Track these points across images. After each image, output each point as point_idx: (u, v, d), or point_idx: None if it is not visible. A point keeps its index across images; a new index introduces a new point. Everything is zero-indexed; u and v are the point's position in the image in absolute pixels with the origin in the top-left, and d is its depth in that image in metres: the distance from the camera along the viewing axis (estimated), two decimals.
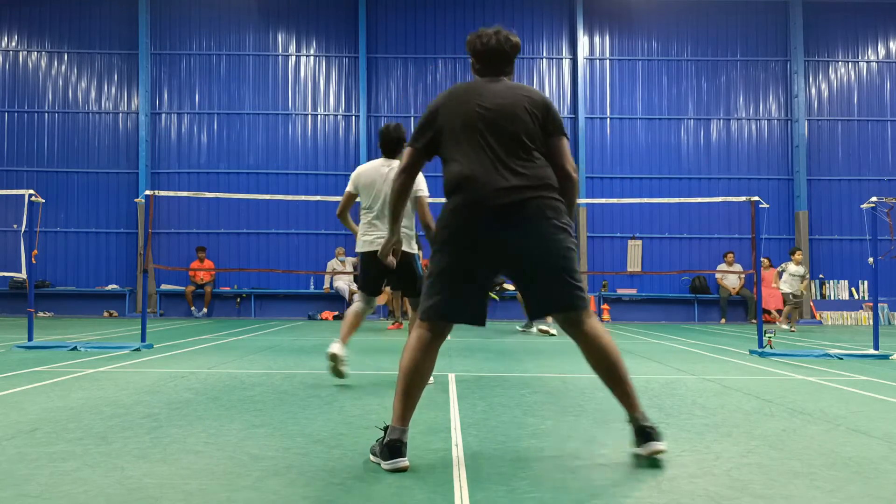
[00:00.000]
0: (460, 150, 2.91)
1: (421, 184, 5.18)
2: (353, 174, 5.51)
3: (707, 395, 4.75)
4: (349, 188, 5.49)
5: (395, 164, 5.20)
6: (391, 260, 3.65)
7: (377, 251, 4.85)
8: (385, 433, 2.80)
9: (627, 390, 2.91)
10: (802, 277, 13.12)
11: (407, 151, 3.02)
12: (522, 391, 4.84)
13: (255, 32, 17.05)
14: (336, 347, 5.06)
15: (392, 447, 2.72)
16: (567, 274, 2.87)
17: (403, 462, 2.71)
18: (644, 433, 2.86)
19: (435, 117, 2.97)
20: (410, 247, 5.29)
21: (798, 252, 13.14)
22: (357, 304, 5.39)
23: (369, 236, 5.32)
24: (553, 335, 10.56)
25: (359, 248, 5.39)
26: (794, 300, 12.98)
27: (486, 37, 3.09)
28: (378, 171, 5.38)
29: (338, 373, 5.06)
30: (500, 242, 2.83)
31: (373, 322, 14.69)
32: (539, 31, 17.09)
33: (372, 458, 2.87)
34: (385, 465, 2.72)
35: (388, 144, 5.43)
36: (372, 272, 5.34)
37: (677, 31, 17.06)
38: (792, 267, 13.00)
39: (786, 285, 12.95)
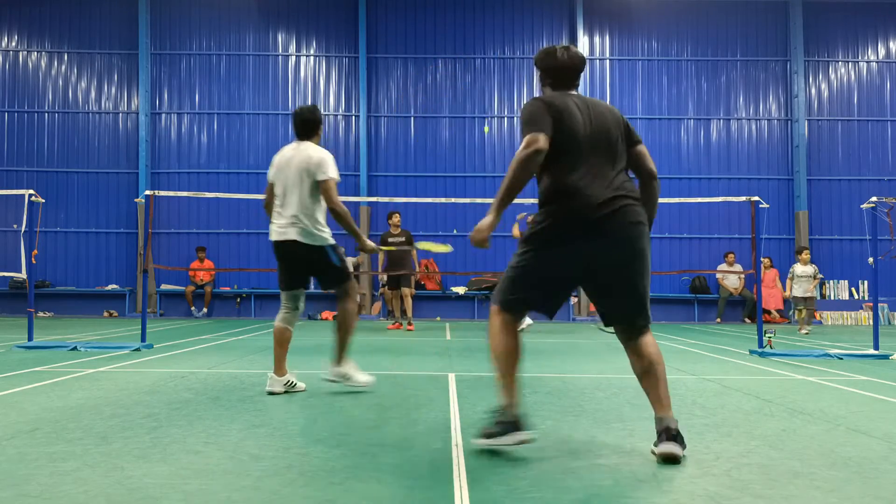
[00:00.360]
0: (567, 159, 3.09)
1: (330, 166, 4.75)
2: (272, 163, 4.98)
3: (707, 395, 4.75)
4: (269, 178, 4.95)
5: (305, 146, 4.79)
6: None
7: (286, 241, 4.69)
8: (499, 415, 3.01)
9: (661, 395, 3.04)
10: (812, 277, 12.43)
11: (541, 137, 2.99)
12: (522, 391, 4.83)
13: (255, 32, 17.05)
14: (274, 385, 4.60)
15: (515, 424, 2.96)
16: (639, 294, 3.11)
17: (527, 434, 2.95)
18: (666, 433, 2.93)
19: (547, 114, 3.08)
20: (314, 240, 4.70)
21: (805, 251, 12.61)
22: (279, 316, 4.91)
23: (278, 224, 4.76)
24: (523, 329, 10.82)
25: (271, 238, 4.85)
26: (806, 303, 12.28)
27: (562, 53, 3.35)
28: (283, 156, 4.87)
29: (298, 389, 4.71)
30: (592, 251, 3.03)
31: (373, 322, 14.69)
32: (539, 31, 17.09)
33: (484, 441, 3.01)
34: (509, 439, 2.94)
35: (304, 125, 4.90)
36: (284, 265, 4.88)
37: (677, 31, 17.06)
38: (799, 268, 12.43)
39: (797, 289, 12.30)
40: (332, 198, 4.69)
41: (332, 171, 4.75)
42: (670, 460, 2.86)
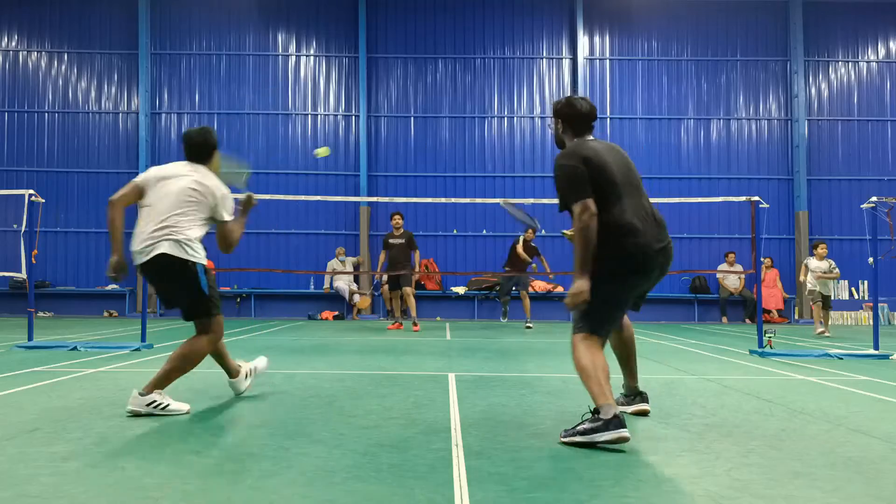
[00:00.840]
0: (611, 199, 3.53)
1: (229, 207, 4.44)
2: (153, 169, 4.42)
3: (707, 395, 4.75)
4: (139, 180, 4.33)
5: (206, 180, 4.33)
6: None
7: (148, 260, 4.08)
8: (597, 414, 3.21)
9: (634, 367, 4.08)
10: (828, 272, 12.07)
11: (589, 202, 3.44)
12: (522, 391, 4.84)
13: (255, 32, 17.05)
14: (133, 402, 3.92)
15: (618, 421, 3.15)
16: None
17: (627, 432, 3.15)
18: (639, 394, 4.03)
19: (586, 172, 3.50)
20: (187, 253, 4.12)
21: (821, 245, 12.21)
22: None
23: (142, 244, 4.12)
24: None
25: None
26: (822, 299, 12.01)
27: (581, 103, 3.76)
28: (168, 171, 4.36)
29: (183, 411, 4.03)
30: (652, 277, 3.63)
31: (373, 322, 14.69)
32: (539, 31, 17.09)
33: (581, 438, 3.18)
34: (609, 435, 3.12)
35: (195, 148, 4.42)
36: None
37: (677, 31, 17.05)
38: (814, 262, 12.11)
39: (813, 284, 12.05)
40: (232, 237, 4.44)
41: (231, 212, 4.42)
42: (643, 414, 3.94)
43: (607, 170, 3.53)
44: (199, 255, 4.22)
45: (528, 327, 12.77)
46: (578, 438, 3.19)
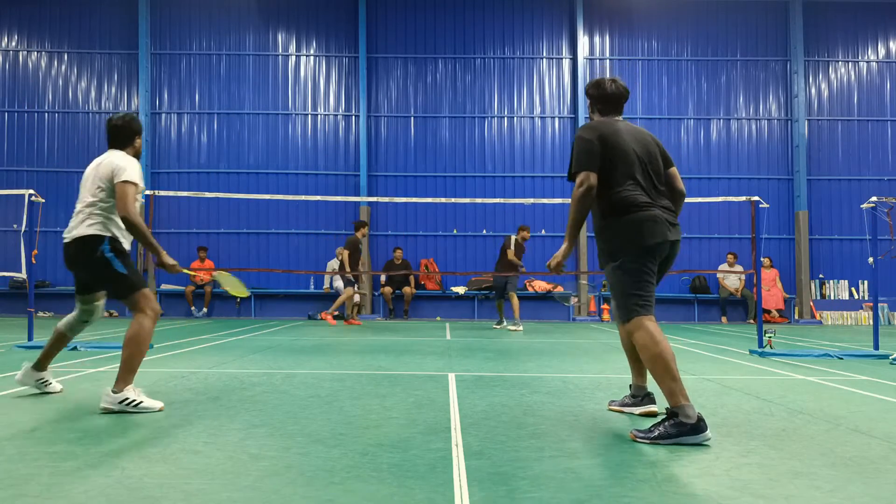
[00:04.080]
0: (628, 174, 3.64)
1: (130, 168, 4.28)
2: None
3: (707, 395, 4.75)
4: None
5: (120, 160, 4.37)
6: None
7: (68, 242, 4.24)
8: (675, 416, 3.28)
9: (643, 367, 3.97)
10: None
11: (591, 176, 3.60)
12: (522, 391, 4.84)
13: (255, 32, 17.04)
14: (20, 375, 4.44)
15: (701, 423, 3.24)
16: None
17: (710, 433, 3.27)
18: (648, 395, 4.04)
19: (599, 148, 3.63)
20: (97, 230, 4.21)
21: None
22: (68, 320, 4.62)
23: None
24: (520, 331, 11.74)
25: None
26: None
27: (611, 84, 3.87)
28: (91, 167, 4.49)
29: (49, 389, 4.48)
30: (667, 252, 3.69)
31: (371, 321, 14.68)
32: (539, 31, 17.09)
33: (665, 441, 3.23)
34: (698, 438, 3.22)
35: (125, 139, 4.59)
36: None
37: (677, 31, 17.05)
38: None
39: None
40: (132, 204, 4.16)
41: (136, 175, 4.26)
42: (651, 415, 3.93)
43: (623, 149, 3.65)
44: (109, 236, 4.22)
45: (517, 328, 12.11)
46: (665, 442, 3.25)
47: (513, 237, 12.56)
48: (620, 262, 3.60)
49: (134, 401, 3.91)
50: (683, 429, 3.23)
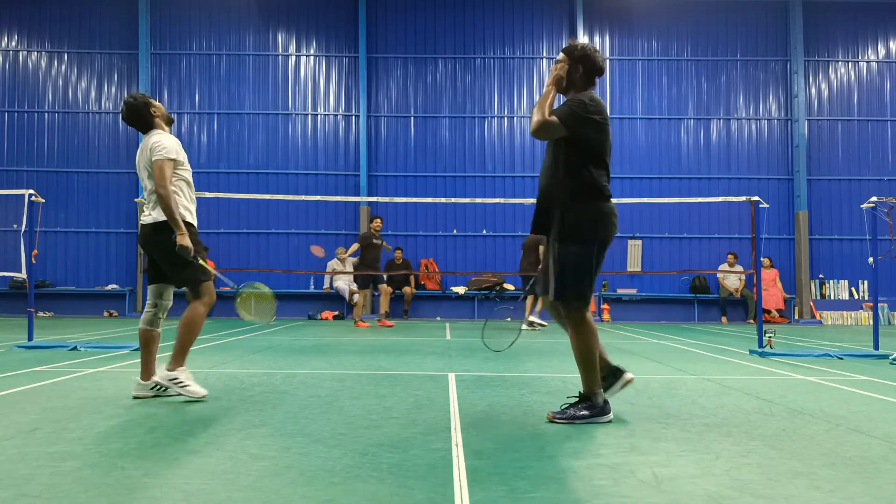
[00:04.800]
0: (603, 161, 3.71)
1: (162, 144, 4.40)
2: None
3: (707, 395, 4.75)
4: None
5: (150, 136, 4.50)
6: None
7: (142, 224, 4.47)
8: (587, 400, 3.68)
9: (602, 348, 3.94)
10: None
11: (557, 128, 3.61)
12: (522, 391, 4.84)
13: (255, 32, 17.05)
14: (136, 390, 4.40)
15: (606, 405, 3.67)
16: None
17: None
18: (617, 368, 3.94)
19: (600, 120, 3.66)
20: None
21: None
22: (142, 317, 4.56)
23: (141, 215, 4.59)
24: (544, 326, 11.87)
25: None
26: None
27: (601, 58, 3.87)
28: (138, 156, 4.62)
29: (170, 394, 4.41)
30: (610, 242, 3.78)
31: (371, 321, 14.67)
32: (539, 31, 17.09)
33: (580, 421, 3.61)
34: (605, 419, 3.64)
35: (139, 118, 4.57)
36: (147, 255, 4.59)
37: (677, 31, 17.06)
38: None
39: None
40: (168, 181, 4.33)
41: (174, 150, 4.42)
42: (629, 382, 3.95)
43: (608, 135, 3.74)
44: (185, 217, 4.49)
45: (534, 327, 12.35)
46: (580, 422, 3.61)
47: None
48: (586, 246, 3.66)
49: (182, 382, 4.29)
50: (595, 411, 3.66)
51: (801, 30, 16.76)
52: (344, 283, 15.97)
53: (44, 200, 8.11)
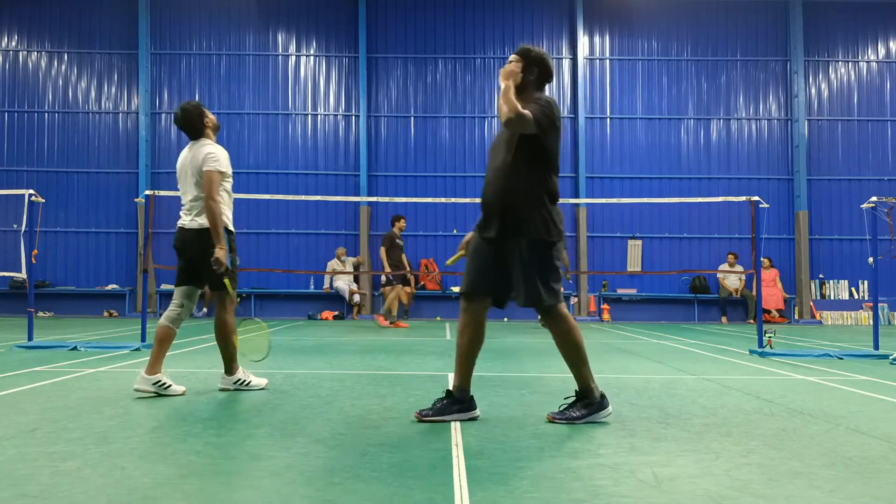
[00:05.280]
0: (557, 166, 3.77)
1: (216, 156, 4.68)
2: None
3: (707, 395, 4.75)
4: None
5: (199, 145, 4.73)
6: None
7: (183, 228, 4.70)
8: (585, 398, 3.73)
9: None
10: None
11: (532, 124, 3.56)
12: (522, 391, 4.84)
13: (255, 32, 17.04)
14: (139, 382, 4.41)
15: (604, 400, 3.76)
16: None
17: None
18: (471, 402, 3.82)
19: (559, 126, 3.71)
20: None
21: None
22: (166, 314, 4.66)
23: (181, 219, 4.78)
24: None
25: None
26: None
27: (552, 62, 3.90)
28: (183, 158, 4.84)
29: (173, 393, 4.47)
30: None
31: (367, 321, 14.68)
32: (539, 31, 17.08)
33: (580, 421, 3.64)
34: (603, 414, 3.70)
35: (191, 124, 4.78)
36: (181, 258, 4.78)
37: (677, 31, 17.05)
38: None
39: None
40: (216, 192, 4.66)
41: (225, 164, 4.74)
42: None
43: (560, 139, 3.79)
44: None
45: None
46: (580, 422, 3.63)
47: None
48: (556, 248, 3.68)
49: (244, 380, 4.71)
50: (593, 408, 3.67)
51: (801, 30, 16.76)
52: (344, 283, 15.98)
53: (44, 200, 8.11)
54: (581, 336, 3.71)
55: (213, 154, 4.65)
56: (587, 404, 3.69)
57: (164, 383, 4.44)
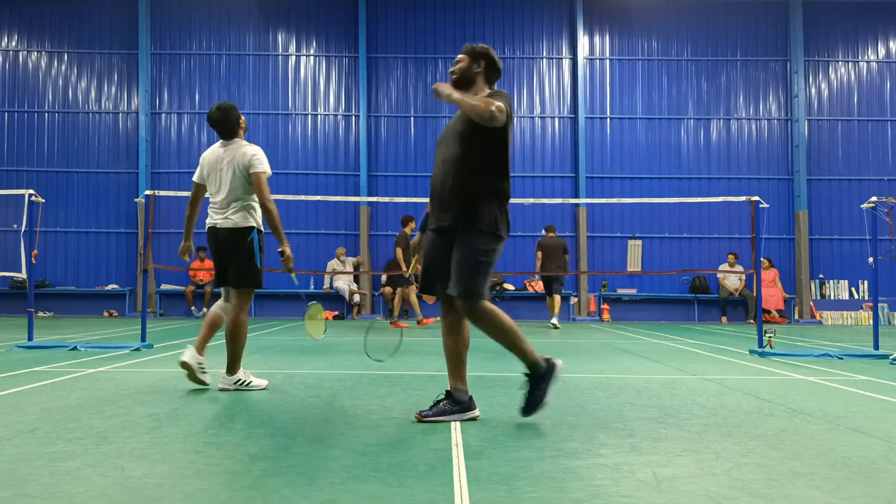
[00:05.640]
0: (508, 167, 3.76)
1: (261, 158, 4.77)
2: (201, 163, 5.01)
3: (707, 395, 4.75)
4: (195, 178, 5.02)
5: (236, 145, 4.82)
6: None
7: (216, 228, 4.78)
8: (538, 369, 3.73)
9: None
10: None
11: (509, 105, 3.61)
12: (523, 391, 4.83)
13: (255, 32, 17.05)
14: (188, 355, 4.70)
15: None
16: None
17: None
18: (471, 398, 3.87)
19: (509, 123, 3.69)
20: (248, 222, 4.78)
21: None
22: (219, 303, 4.95)
23: (212, 218, 4.87)
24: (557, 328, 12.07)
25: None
26: None
27: (499, 60, 3.90)
28: (217, 157, 4.87)
29: (196, 381, 4.75)
30: None
31: (371, 322, 14.67)
32: (539, 31, 17.09)
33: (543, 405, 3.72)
34: (558, 383, 3.78)
35: (227, 124, 4.86)
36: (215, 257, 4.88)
37: (677, 31, 17.05)
38: None
39: None
40: (266, 193, 4.75)
41: (267, 165, 4.82)
42: (474, 419, 3.80)
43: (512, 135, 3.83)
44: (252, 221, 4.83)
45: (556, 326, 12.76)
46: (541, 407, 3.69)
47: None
48: (496, 243, 3.68)
49: (245, 380, 4.72)
50: (551, 379, 3.72)
51: (801, 30, 16.76)
52: (344, 283, 15.98)
53: (44, 200, 8.11)
54: (509, 320, 3.72)
55: (257, 156, 4.75)
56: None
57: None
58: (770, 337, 7.94)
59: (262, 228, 4.89)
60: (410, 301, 12.68)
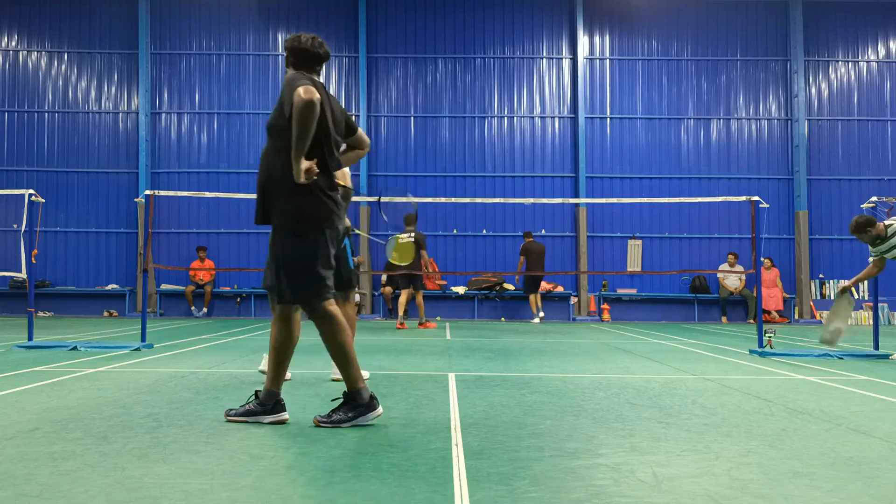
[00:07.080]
0: (328, 145, 3.53)
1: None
2: None
3: (707, 395, 4.75)
4: None
5: None
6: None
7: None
8: (353, 400, 3.54)
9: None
10: None
11: (312, 91, 3.32)
12: (522, 391, 4.84)
13: (255, 32, 17.04)
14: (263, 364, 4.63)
15: (373, 401, 3.58)
16: None
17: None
18: (280, 402, 3.68)
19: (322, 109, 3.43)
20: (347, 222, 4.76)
21: None
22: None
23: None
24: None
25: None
26: None
27: (309, 41, 3.63)
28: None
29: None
30: (339, 230, 3.75)
31: (371, 321, 14.68)
32: (539, 31, 17.08)
33: (346, 424, 3.50)
34: (371, 417, 3.55)
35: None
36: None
37: (677, 31, 17.05)
38: None
39: None
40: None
41: None
42: (282, 423, 3.64)
43: (331, 121, 3.55)
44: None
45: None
46: (345, 425, 3.49)
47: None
48: (306, 236, 3.47)
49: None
50: (360, 410, 3.53)
51: (801, 30, 16.76)
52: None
53: (44, 200, 8.11)
54: (349, 338, 3.56)
55: None
56: (355, 406, 3.53)
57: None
58: (770, 337, 7.94)
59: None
60: (417, 303, 12.66)
